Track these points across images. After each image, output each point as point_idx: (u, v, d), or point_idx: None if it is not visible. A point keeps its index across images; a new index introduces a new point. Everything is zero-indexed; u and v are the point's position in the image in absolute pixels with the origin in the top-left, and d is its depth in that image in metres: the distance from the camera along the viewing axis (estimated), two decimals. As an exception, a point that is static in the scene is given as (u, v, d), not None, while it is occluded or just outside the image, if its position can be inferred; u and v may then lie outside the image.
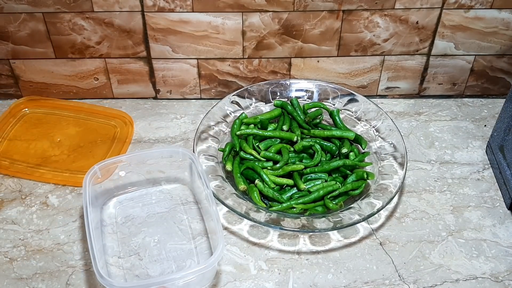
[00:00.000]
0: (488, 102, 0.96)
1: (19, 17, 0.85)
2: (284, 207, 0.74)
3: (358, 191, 0.76)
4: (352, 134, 0.82)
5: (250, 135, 0.82)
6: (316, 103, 0.88)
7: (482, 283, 0.68)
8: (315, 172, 0.78)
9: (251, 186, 0.76)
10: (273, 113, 0.86)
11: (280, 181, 0.77)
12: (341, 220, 0.70)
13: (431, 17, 0.87)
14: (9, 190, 0.80)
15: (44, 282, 0.68)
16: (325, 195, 0.75)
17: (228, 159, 0.80)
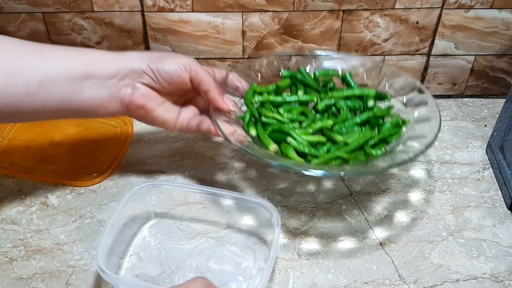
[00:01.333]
0: (488, 102, 0.96)
1: (19, 17, 0.85)
2: (327, 158, 0.69)
3: (396, 137, 0.73)
4: (372, 91, 0.78)
5: (266, 102, 0.77)
6: (326, 70, 0.83)
7: (482, 283, 0.68)
8: (345, 127, 0.74)
9: (283, 144, 0.71)
10: (284, 82, 0.81)
11: (312, 139, 0.72)
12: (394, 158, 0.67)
13: (431, 17, 0.87)
14: (9, 190, 0.80)
15: (44, 282, 0.68)
16: (364, 143, 0.71)
17: (250, 125, 0.74)
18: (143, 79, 0.68)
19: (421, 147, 0.68)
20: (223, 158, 0.85)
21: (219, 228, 0.74)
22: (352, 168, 0.68)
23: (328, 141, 0.72)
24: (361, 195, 0.79)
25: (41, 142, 0.87)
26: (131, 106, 0.69)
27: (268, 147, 0.70)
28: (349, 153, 0.71)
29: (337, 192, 0.80)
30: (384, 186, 0.80)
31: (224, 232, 0.74)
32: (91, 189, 0.80)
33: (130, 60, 0.67)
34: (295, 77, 0.81)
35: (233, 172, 0.83)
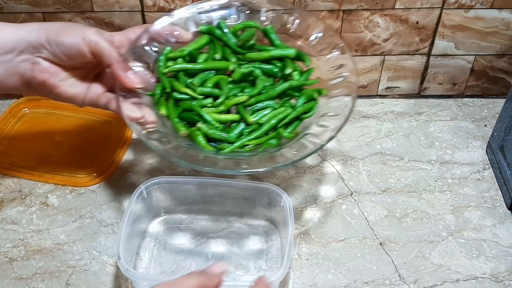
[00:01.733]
0: (488, 102, 0.96)
1: (19, 17, 0.85)
2: (237, 147, 0.65)
3: (311, 113, 0.70)
4: (292, 51, 0.72)
5: (180, 71, 0.70)
6: (246, 23, 0.76)
7: (482, 283, 0.68)
8: (261, 101, 0.69)
9: (192, 130, 0.66)
10: (201, 41, 0.73)
11: (225, 118, 0.68)
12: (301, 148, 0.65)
13: (431, 17, 0.87)
14: (9, 190, 0.80)
15: (44, 282, 0.68)
16: (278, 124, 0.68)
17: (161, 103, 0.68)
18: (42, 53, 0.62)
19: (331, 132, 0.66)
20: (223, 158, 0.85)
21: (220, 227, 0.75)
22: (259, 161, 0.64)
23: (241, 120, 0.68)
24: (361, 195, 0.79)
25: (41, 142, 0.87)
26: (33, 82, 0.63)
27: (178, 131, 0.66)
28: (261, 136, 0.67)
29: (337, 192, 0.80)
30: (384, 186, 0.80)
31: (224, 232, 0.74)
32: (91, 189, 0.80)
33: (28, 33, 0.61)
34: (213, 33, 0.74)
35: (233, 172, 0.83)
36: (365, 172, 0.83)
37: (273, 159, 0.64)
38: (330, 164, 0.84)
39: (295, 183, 0.81)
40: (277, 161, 0.63)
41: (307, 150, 0.64)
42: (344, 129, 0.89)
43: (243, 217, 0.76)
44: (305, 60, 0.73)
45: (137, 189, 0.70)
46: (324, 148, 0.86)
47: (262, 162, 0.63)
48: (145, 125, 0.64)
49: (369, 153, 0.86)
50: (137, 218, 0.71)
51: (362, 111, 0.94)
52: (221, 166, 0.62)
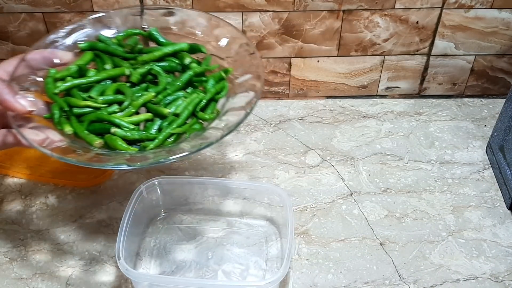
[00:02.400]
0: (488, 102, 0.96)
1: (19, 17, 0.85)
2: (162, 139, 0.62)
3: (224, 92, 0.68)
4: (184, 44, 0.71)
5: (72, 88, 0.65)
6: (128, 31, 0.73)
7: (482, 283, 0.68)
8: (169, 95, 0.67)
9: (108, 136, 0.62)
10: (85, 58, 0.69)
11: (138, 119, 0.64)
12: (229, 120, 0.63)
13: (431, 17, 0.87)
14: (9, 190, 0.80)
15: (44, 282, 0.68)
16: (195, 109, 0.66)
17: (63, 122, 0.63)
18: None
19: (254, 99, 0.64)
20: (223, 158, 0.85)
21: (220, 227, 0.75)
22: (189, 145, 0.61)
23: (155, 116, 0.65)
24: (361, 195, 0.79)
25: (41, 142, 0.87)
26: None
27: (92, 144, 0.62)
28: (183, 125, 0.65)
29: (337, 192, 0.80)
30: (384, 186, 0.80)
31: (224, 232, 0.74)
32: (91, 189, 0.80)
33: None
34: (96, 47, 0.71)
35: (233, 172, 0.83)
36: (365, 172, 0.83)
37: (202, 139, 0.62)
38: (330, 164, 0.84)
39: (295, 183, 0.81)
40: (207, 139, 0.61)
41: (235, 120, 0.62)
42: (344, 129, 0.90)
43: (243, 217, 0.76)
44: (201, 48, 0.71)
45: (137, 189, 0.70)
46: (324, 148, 0.86)
47: (194, 144, 0.61)
48: (52, 144, 0.59)
49: (369, 153, 0.86)
50: (137, 218, 0.71)
51: (362, 111, 0.94)
52: (152, 160, 0.59)
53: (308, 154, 0.86)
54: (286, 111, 0.94)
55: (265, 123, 0.91)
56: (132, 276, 0.62)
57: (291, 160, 0.84)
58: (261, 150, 0.86)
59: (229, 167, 0.83)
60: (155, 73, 0.69)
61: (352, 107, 0.95)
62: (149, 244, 0.72)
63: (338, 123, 0.91)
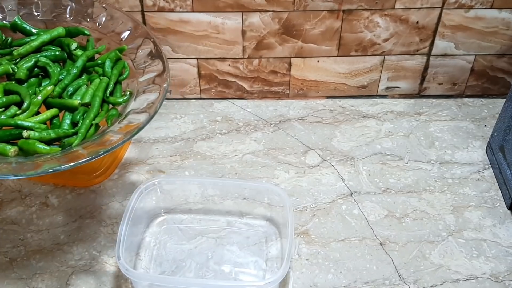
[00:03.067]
0: (488, 102, 0.96)
1: (19, 17, 0.85)
2: (84, 133, 0.60)
3: (127, 72, 0.67)
4: (60, 29, 0.67)
5: None
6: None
7: (482, 283, 0.68)
8: (67, 85, 0.64)
9: (22, 141, 0.58)
10: None
11: (45, 117, 0.61)
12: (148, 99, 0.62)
13: (431, 17, 0.87)
14: (9, 190, 0.80)
15: (44, 282, 0.68)
16: (104, 95, 0.64)
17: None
18: None
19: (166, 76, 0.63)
20: (223, 158, 0.85)
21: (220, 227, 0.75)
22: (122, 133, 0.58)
23: (63, 109, 0.62)
24: (361, 195, 0.79)
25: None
26: None
27: (7, 154, 0.57)
28: (98, 113, 0.62)
29: (337, 192, 0.80)
30: (384, 186, 0.80)
31: (224, 232, 0.74)
32: (91, 189, 0.80)
33: None
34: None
35: (233, 172, 0.83)
36: (365, 172, 0.83)
37: (130, 122, 0.60)
38: (330, 164, 0.84)
39: (295, 183, 0.81)
40: (134, 124, 0.59)
41: (156, 100, 0.60)
42: (344, 129, 0.90)
43: (243, 217, 0.76)
44: (81, 31, 0.69)
45: (137, 189, 0.70)
46: (324, 148, 0.86)
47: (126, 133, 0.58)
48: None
49: (369, 153, 0.86)
50: (137, 218, 0.71)
51: (362, 111, 0.94)
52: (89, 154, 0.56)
53: (308, 154, 0.86)
54: (286, 111, 0.94)
55: (265, 123, 0.91)
56: (132, 276, 0.62)
57: (291, 160, 0.84)
58: (261, 150, 0.86)
59: (229, 167, 0.83)
60: (42, 65, 0.64)
61: (352, 107, 0.95)
62: (149, 244, 0.72)
63: (338, 123, 0.91)
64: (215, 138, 0.88)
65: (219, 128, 0.90)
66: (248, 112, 0.93)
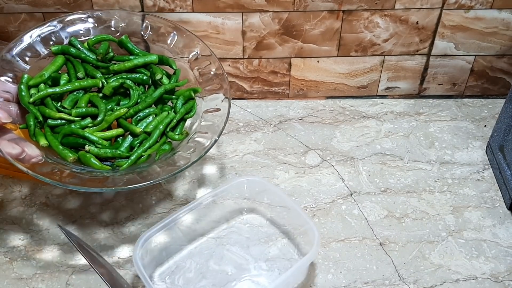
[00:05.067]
0: (488, 102, 0.96)
1: (19, 17, 0.85)
2: (134, 160, 0.65)
3: (193, 112, 0.72)
4: (154, 56, 0.73)
5: (46, 97, 0.67)
6: (99, 37, 0.75)
7: (482, 283, 0.68)
8: (140, 111, 0.70)
9: (81, 153, 0.65)
10: (57, 62, 0.71)
11: (110, 134, 0.67)
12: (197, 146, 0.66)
13: (431, 17, 0.87)
14: (9, 190, 0.80)
15: (44, 282, 0.68)
16: (165, 129, 0.69)
17: (38, 134, 0.66)
18: None
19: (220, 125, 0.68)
20: (223, 158, 0.85)
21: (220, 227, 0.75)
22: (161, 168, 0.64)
23: (126, 131, 0.68)
24: (361, 195, 0.79)
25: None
26: None
27: (66, 159, 0.64)
28: (154, 144, 0.67)
29: (337, 192, 0.80)
30: (384, 186, 0.81)
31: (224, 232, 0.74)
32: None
33: None
34: (68, 52, 0.72)
35: (233, 172, 0.83)
36: (365, 172, 0.83)
37: (174, 162, 0.65)
38: (330, 164, 0.84)
39: (295, 183, 0.81)
40: (177, 164, 0.64)
41: (204, 146, 0.65)
42: (344, 129, 0.90)
43: (243, 217, 0.76)
44: (170, 63, 0.75)
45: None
46: (324, 149, 0.86)
47: (164, 169, 0.64)
48: (29, 160, 0.61)
49: (369, 153, 0.86)
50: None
51: (362, 111, 0.94)
52: (126, 182, 0.62)
53: (308, 154, 0.86)
54: (286, 111, 0.94)
55: (265, 123, 0.91)
56: None
57: (291, 160, 0.84)
58: (261, 150, 0.86)
59: (229, 167, 0.83)
60: (127, 87, 0.71)
61: (352, 107, 0.95)
62: (150, 245, 0.72)
63: (338, 123, 0.92)
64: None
65: (219, 128, 0.90)
66: (248, 112, 0.93)
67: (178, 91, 0.73)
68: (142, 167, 0.66)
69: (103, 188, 0.62)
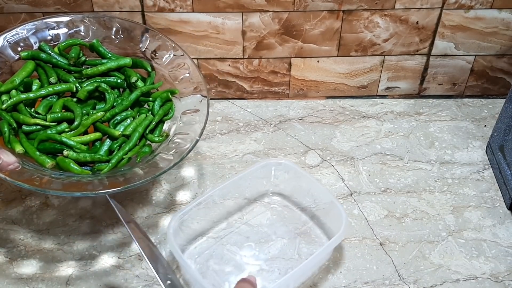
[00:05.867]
0: (488, 102, 0.96)
1: (19, 17, 0.85)
2: (115, 163, 0.65)
3: (171, 114, 0.72)
4: (128, 60, 0.73)
5: (19, 103, 0.66)
6: (70, 41, 0.74)
7: (482, 283, 0.68)
8: (117, 114, 0.69)
9: (60, 158, 0.64)
10: (28, 68, 0.70)
11: (88, 139, 0.67)
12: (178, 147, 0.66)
13: (431, 17, 0.87)
14: (9, 190, 0.80)
15: (44, 282, 0.68)
16: (144, 131, 0.69)
17: (13, 140, 0.65)
18: None
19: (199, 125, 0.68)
20: (223, 158, 0.85)
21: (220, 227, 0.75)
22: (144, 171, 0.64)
23: (103, 135, 0.68)
24: (361, 195, 0.79)
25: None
26: None
27: (45, 165, 0.64)
28: (133, 147, 0.67)
29: (337, 192, 0.80)
30: (384, 186, 0.80)
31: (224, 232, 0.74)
32: (91, 189, 0.80)
33: None
34: (38, 57, 0.72)
35: (233, 172, 0.83)
36: (365, 172, 0.83)
37: (156, 164, 0.64)
38: (330, 164, 0.84)
39: (295, 183, 0.81)
40: (160, 166, 0.64)
41: (185, 147, 0.65)
42: (344, 129, 0.90)
43: (243, 217, 0.76)
44: (145, 66, 0.74)
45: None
46: (324, 148, 0.86)
47: (147, 172, 0.64)
48: (6, 167, 0.59)
49: (369, 153, 0.86)
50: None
51: (362, 111, 0.94)
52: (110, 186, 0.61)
53: (308, 154, 0.86)
54: (286, 111, 0.94)
55: (265, 123, 0.91)
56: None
57: (291, 160, 0.84)
58: (261, 150, 0.86)
59: (229, 167, 0.83)
60: (102, 90, 0.71)
61: (352, 107, 0.95)
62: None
63: (338, 123, 0.92)
64: (215, 138, 0.88)
65: (219, 128, 0.90)
66: (248, 112, 0.93)
67: (155, 93, 0.73)
68: (123, 170, 0.65)
69: (85, 192, 0.60)
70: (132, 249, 0.71)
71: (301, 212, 0.76)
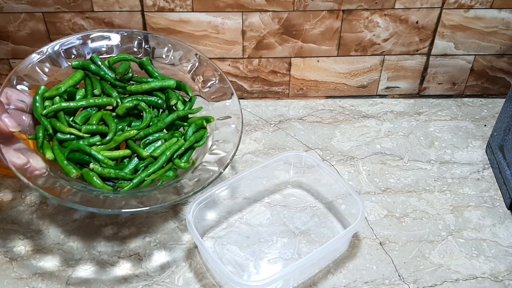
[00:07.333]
0: (488, 102, 0.96)
1: (19, 16, 0.85)
2: (136, 183, 0.65)
3: (202, 141, 0.71)
4: (172, 81, 0.74)
5: (59, 110, 0.68)
6: (121, 56, 0.76)
7: (482, 283, 0.68)
8: (150, 134, 0.69)
9: (85, 170, 0.65)
10: (75, 77, 0.71)
11: (117, 155, 0.67)
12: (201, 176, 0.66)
13: (431, 17, 0.87)
14: (9, 190, 0.80)
15: (44, 282, 0.68)
16: (172, 156, 0.68)
17: (45, 146, 0.65)
18: None
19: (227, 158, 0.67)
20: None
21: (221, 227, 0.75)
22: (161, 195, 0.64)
23: (133, 153, 0.68)
24: (361, 195, 0.79)
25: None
26: None
27: (69, 175, 0.64)
28: (158, 169, 0.67)
29: (337, 192, 0.80)
30: (384, 186, 0.81)
31: (224, 232, 0.74)
32: (91, 189, 0.80)
33: None
34: (88, 68, 0.73)
35: (233, 172, 0.83)
36: (365, 172, 0.83)
37: (176, 191, 0.64)
38: (330, 164, 0.84)
39: (295, 183, 0.81)
40: (180, 192, 0.64)
41: (208, 177, 0.65)
42: (343, 129, 0.90)
43: (244, 216, 0.76)
44: (187, 90, 0.75)
45: None
46: (324, 148, 0.86)
47: (165, 196, 0.63)
48: (32, 172, 0.60)
49: (369, 153, 0.86)
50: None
51: (362, 111, 0.94)
52: (124, 205, 0.61)
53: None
54: (286, 111, 0.94)
55: (265, 123, 0.91)
56: None
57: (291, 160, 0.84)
58: (261, 150, 0.86)
59: (229, 166, 0.83)
60: (141, 109, 0.71)
61: (352, 107, 0.95)
62: (149, 245, 0.72)
63: (338, 123, 0.92)
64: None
65: (219, 128, 0.90)
66: (248, 112, 0.93)
67: (191, 119, 0.73)
68: (143, 191, 0.65)
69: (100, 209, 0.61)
70: (132, 248, 0.71)
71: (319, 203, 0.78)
